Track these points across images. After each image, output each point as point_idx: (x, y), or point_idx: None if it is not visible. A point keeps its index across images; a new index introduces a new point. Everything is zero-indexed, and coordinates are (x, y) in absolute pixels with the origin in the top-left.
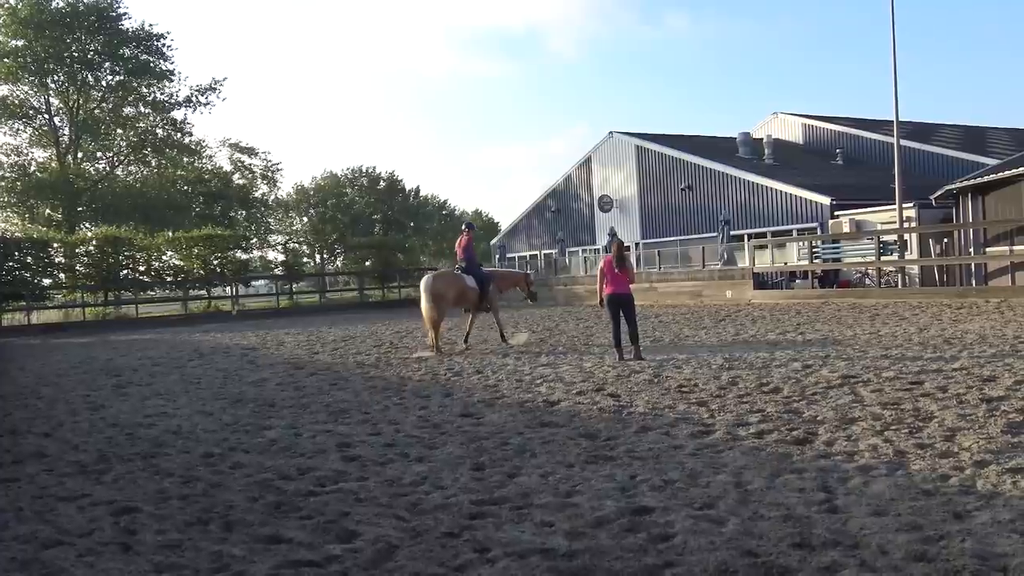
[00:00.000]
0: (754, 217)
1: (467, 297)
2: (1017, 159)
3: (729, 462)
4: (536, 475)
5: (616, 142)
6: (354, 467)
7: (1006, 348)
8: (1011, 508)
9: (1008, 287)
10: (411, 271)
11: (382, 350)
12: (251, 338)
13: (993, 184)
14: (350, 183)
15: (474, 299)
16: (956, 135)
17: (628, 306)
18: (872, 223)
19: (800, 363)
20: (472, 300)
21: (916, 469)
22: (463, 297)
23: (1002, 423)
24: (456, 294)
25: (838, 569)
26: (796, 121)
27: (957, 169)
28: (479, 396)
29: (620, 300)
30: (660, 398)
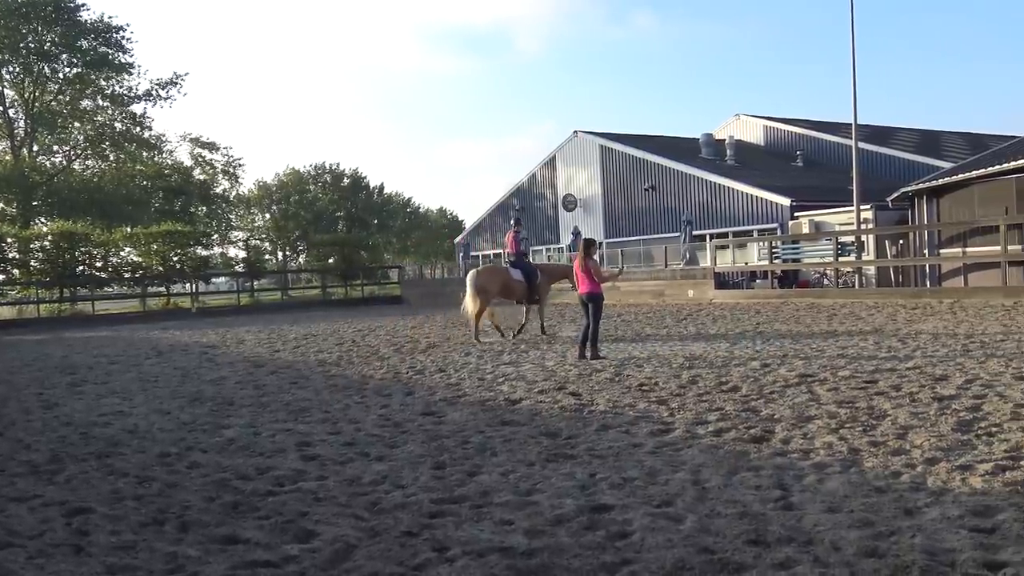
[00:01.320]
0: (716, 217)
1: (513, 290)
2: (971, 163)
3: (688, 460)
4: (496, 473)
5: (581, 141)
6: (313, 466)
7: (958, 348)
8: (960, 504)
9: (961, 288)
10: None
11: (344, 348)
12: (211, 336)
13: (947, 187)
14: (313, 180)
15: (521, 292)
16: (913, 139)
17: (588, 305)
18: (831, 224)
19: (759, 362)
20: (519, 293)
21: (869, 466)
22: (509, 290)
23: (953, 421)
24: (500, 287)
25: (792, 565)
26: (758, 123)
27: (913, 172)
28: (441, 395)
29: (584, 299)
30: (621, 396)
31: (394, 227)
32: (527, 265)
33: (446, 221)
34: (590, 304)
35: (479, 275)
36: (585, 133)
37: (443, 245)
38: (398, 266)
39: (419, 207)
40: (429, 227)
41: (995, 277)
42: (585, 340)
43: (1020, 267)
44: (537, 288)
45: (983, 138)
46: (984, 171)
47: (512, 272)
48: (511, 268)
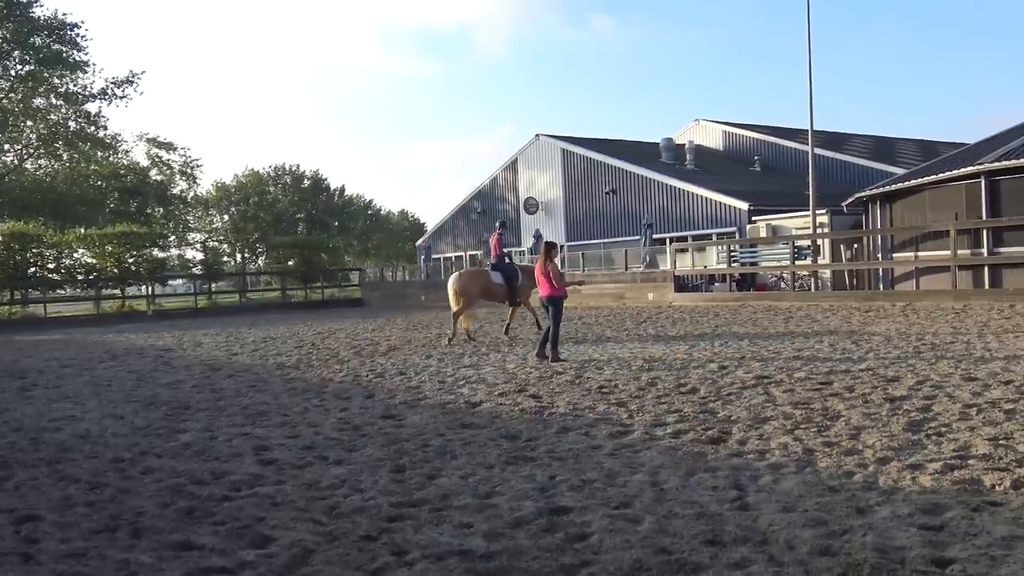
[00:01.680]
0: (676, 221)
1: (494, 292)
2: (923, 169)
3: (646, 461)
4: (456, 476)
5: (542, 145)
6: (271, 471)
7: (909, 350)
8: (910, 503)
9: (913, 291)
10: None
11: (303, 351)
12: (167, 339)
13: (900, 192)
14: (273, 181)
15: (502, 294)
16: (867, 145)
17: (549, 308)
18: (787, 228)
19: (717, 364)
20: (499, 296)
21: (823, 466)
22: (489, 293)
23: (904, 421)
24: (481, 290)
25: (747, 564)
26: (717, 128)
27: (867, 177)
28: (401, 397)
29: (544, 302)
30: (581, 399)
31: (355, 229)
32: (508, 267)
33: (407, 223)
34: (550, 307)
35: (460, 278)
36: (547, 136)
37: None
38: (359, 268)
39: (380, 209)
40: (390, 229)
41: (945, 281)
42: (545, 342)
43: (969, 271)
44: (518, 290)
45: (934, 145)
46: (935, 177)
47: (492, 275)
48: (492, 271)
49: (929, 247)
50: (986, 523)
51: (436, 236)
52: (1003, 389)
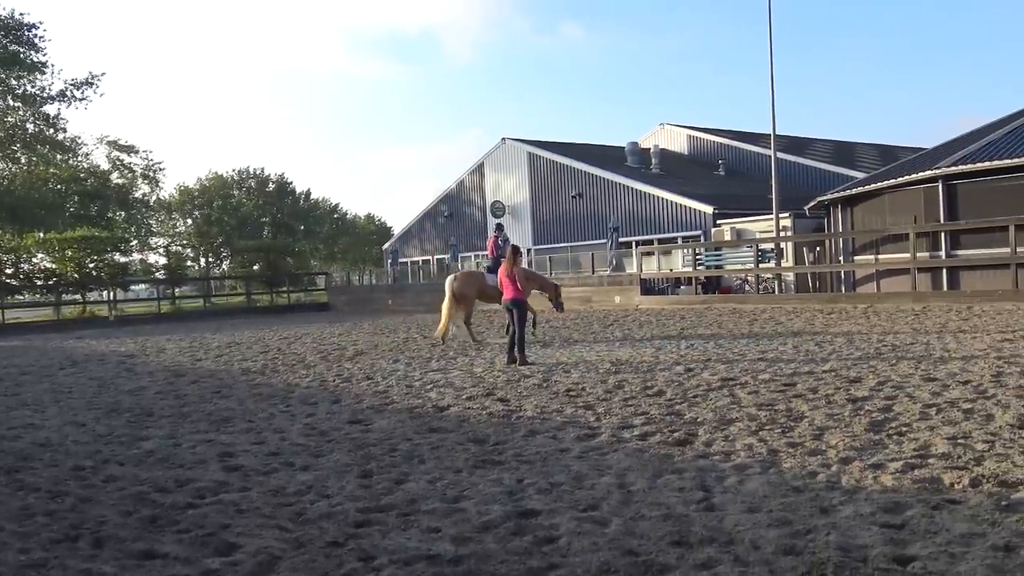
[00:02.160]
0: (642, 224)
1: (489, 294)
2: (882, 173)
3: (614, 464)
4: (424, 481)
5: (509, 148)
6: (236, 477)
7: (871, 351)
8: (872, 502)
9: (874, 293)
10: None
11: (269, 356)
12: (129, 345)
13: (861, 196)
14: (237, 185)
15: (497, 296)
16: (828, 149)
17: (512, 311)
18: (751, 232)
19: (683, 366)
20: (495, 297)
21: (787, 467)
22: (485, 295)
23: (866, 422)
24: (477, 292)
25: (713, 565)
26: (682, 132)
27: (829, 181)
28: (368, 402)
29: (507, 305)
30: (548, 402)
31: (321, 233)
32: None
33: (374, 227)
34: (514, 310)
35: (455, 280)
36: (513, 140)
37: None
38: (325, 273)
39: (346, 213)
40: (357, 233)
41: (905, 283)
42: (513, 346)
43: (928, 273)
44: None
45: (894, 150)
46: (894, 181)
47: (488, 277)
48: (487, 273)
49: (889, 250)
50: (945, 521)
51: (403, 240)
52: (961, 389)
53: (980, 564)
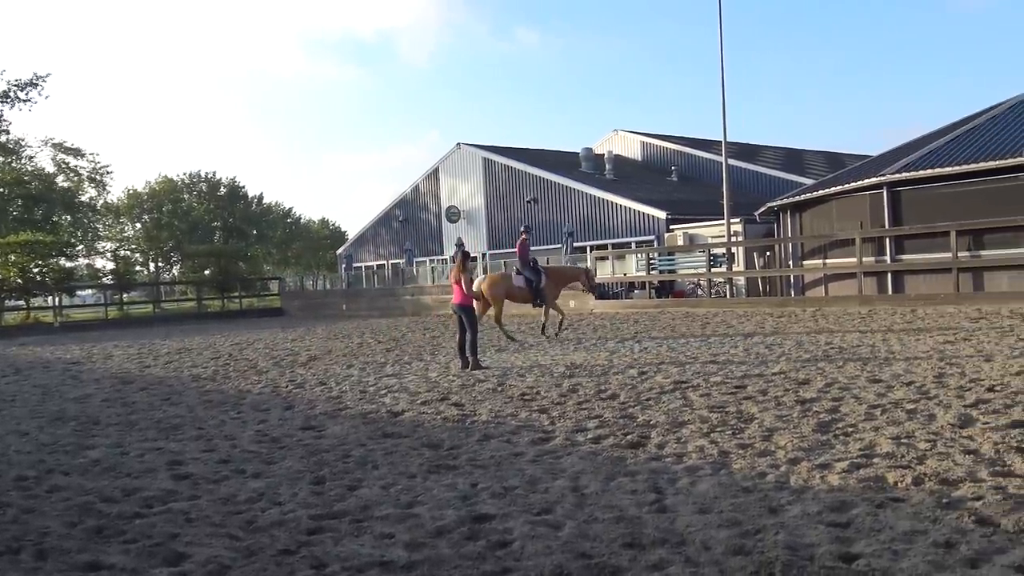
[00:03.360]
0: (596, 229)
1: (515, 295)
2: (830, 180)
3: (567, 467)
4: (377, 487)
5: (464, 153)
6: (185, 486)
7: (819, 353)
8: (819, 501)
9: (822, 297)
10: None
11: (220, 363)
12: (75, 351)
13: (809, 202)
14: (188, 188)
15: (525, 297)
16: (778, 156)
17: (463, 316)
18: (703, 237)
19: (636, 370)
20: (523, 298)
21: (737, 468)
22: (512, 295)
23: (814, 423)
24: (505, 293)
25: (665, 566)
26: (635, 138)
27: (779, 187)
28: (321, 408)
29: (455, 309)
30: (503, 406)
31: (274, 238)
32: (531, 270)
33: (328, 232)
34: (463, 315)
35: (484, 282)
36: (468, 145)
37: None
38: (278, 277)
39: (300, 217)
40: (311, 238)
41: (852, 287)
42: (463, 350)
43: (874, 277)
44: (541, 291)
45: (841, 157)
46: (841, 188)
47: (515, 278)
48: (516, 274)
49: (837, 254)
50: (889, 519)
51: (357, 244)
52: (905, 390)
53: (922, 560)
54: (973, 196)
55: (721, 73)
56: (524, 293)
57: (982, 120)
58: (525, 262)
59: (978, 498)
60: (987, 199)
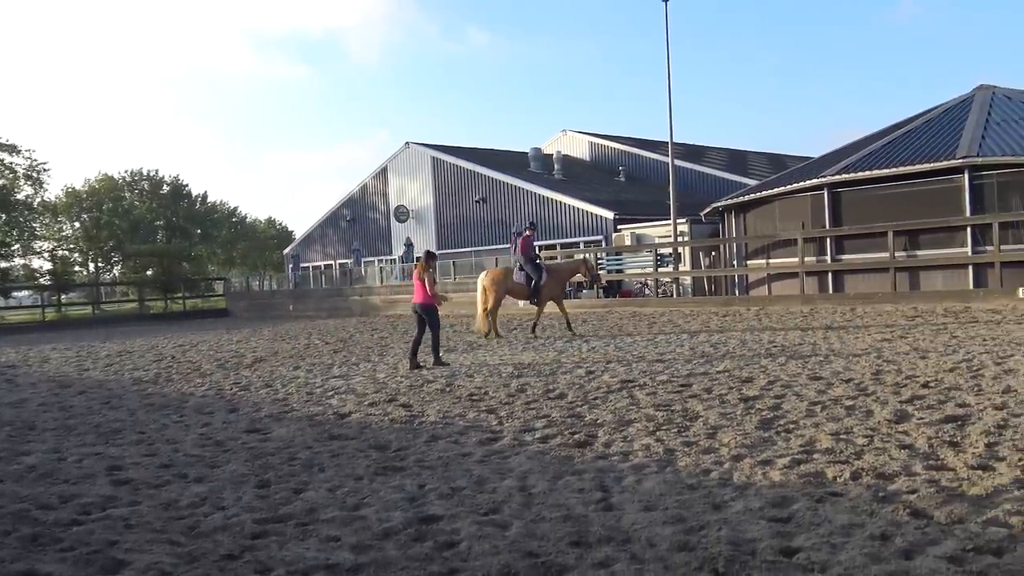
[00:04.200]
0: (544, 229)
1: (515, 292)
2: (773, 181)
3: (515, 467)
4: (324, 489)
5: (412, 153)
6: (125, 491)
7: (762, 351)
8: (761, 497)
9: (765, 296)
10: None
11: (162, 365)
12: (10, 354)
13: (753, 203)
14: (129, 186)
15: (523, 293)
16: (723, 157)
17: (423, 315)
18: (651, 237)
19: (584, 369)
20: (521, 294)
21: (683, 465)
22: (512, 291)
23: (756, 420)
24: (505, 288)
25: (611, 563)
26: (583, 139)
27: (724, 188)
28: (267, 411)
29: (416, 308)
30: (451, 407)
31: (219, 237)
32: (532, 267)
33: (275, 231)
34: (423, 314)
35: (485, 277)
36: (417, 144)
37: (272, 256)
38: (223, 278)
39: (246, 217)
40: (257, 238)
41: (794, 286)
42: (415, 351)
43: (815, 277)
44: (540, 289)
45: (783, 158)
46: (783, 189)
47: (516, 274)
48: (517, 271)
49: (779, 254)
50: (828, 513)
51: (304, 244)
52: (844, 387)
53: (859, 553)
54: (909, 197)
55: (667, 76)
56: (523, 289)
57: (917, 124)
58: (529, 258)
59: (913, 491)
60: (922, 200)
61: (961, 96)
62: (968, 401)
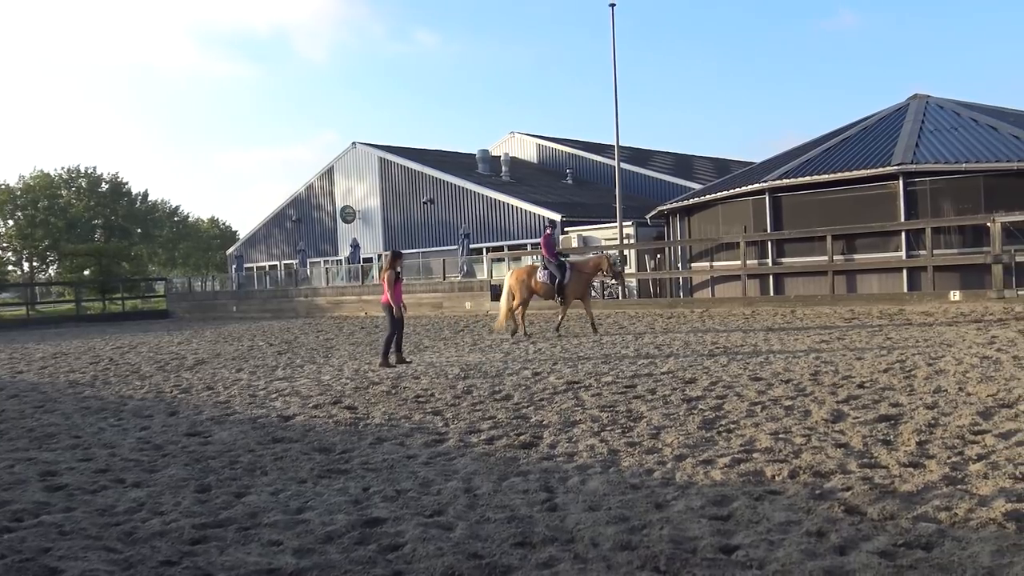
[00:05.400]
0: (492, 231)
1: (538, 289)
2: (716, 185)
3: (460, 469)
4: (266, 493)
5: (359, 153)
6: (59, 497)
7: (705, 353)
8: (702, 496)
9: (709, 298)
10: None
11: (100, 367)
12: None
13: (697, 206)
14: (66, 184)
15: (547, 291)
16: (668, 161)
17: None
18: (597, 239)
19: (530, 371)
20: (545, 292)
21: (626, 465)
22: (537, 290)
23: (698, 420)
24: (529, 288)
25: (554, 563)
26: (531, 141)
27: (669, 191)
28: (208, 413)
29: (384, 307)
30: (397, 409)
31: (160, 237)
32: (556, 265)
33: (218, 231)
34: (386, 313)
35: (511, 276)
36: (364, 145)
37: (215, 257)
38: (164, 278)
39: (188, 216)
40: (199, 237)
41: (737, 288)
42: (386, 349)
43: (757, 279)
44: (564, 287)
45: (727, 163)
46: (727, 193)
47: (539, 273)
48: (541, 269)
49: (723, 257)
50: (767, 510)
51: (249, 244)
52: (784, 387)
53: (796, 549)
54: (846, 203)
55: (614, 79)
56: (546, 288)
57: (854, 131)
58: (552, 255)
59: (847, 489)
60: (859, 205)
61: (896, 105)
62: (901, 401)
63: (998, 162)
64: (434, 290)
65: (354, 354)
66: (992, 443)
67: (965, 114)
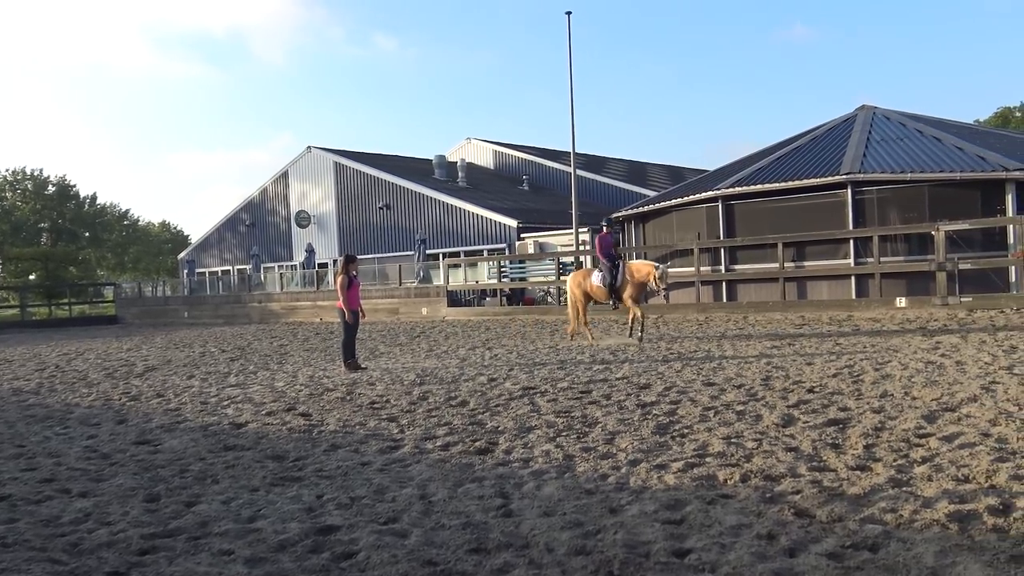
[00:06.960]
0: (449, 237)
1: (593, 293)
2: (671, 192)
3: (415, 475)
4: (217, 502)
5: (315, 157)
6: (1, 508)
7: (659, 358)
8: (656, 500)
9: (663, 304)
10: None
11: (45, 374)
12: None
13: (652, 213)
14: (11, 186)
15: (602, 295)
16: (623, 168)
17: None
18: (553, 245)
19: (486, 377)
20: (600, 296)
21: (581, 471)
22: (591, 293)
23: (653, 425)
24: (584, 290)
25: (509, 569)
26: (488, 147)
27: (624, 198)
28: (158, 421)
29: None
30: (352, 415)
31: (109, 241)
32: (610, 268)
33: (169, 235)
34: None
35: (570, 280)
36: (319, 149)
37: (166, 261)
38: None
39: (138, 220)
40: (150, 242)
41: (691, 294)
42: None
43: (710, 286)
44: (619, 290)
45: (681, 170)
46: (681, 200)
47: (594, 275)
48: (596, 272)
49: (677, 264)
50: (719, 514)
51: (201, 249)
52: (736, 392)
53: (747, 552)
54: (797, 210)
55: (570, 87)
56: (601, 291)
57: (805, 140)
58: (606, 256)
59: (797, 492)
60: (809, 213)
61: (845, 115)
62: (849, 405)
63: (942, 172)
64: (390, 296)
65: (309, 360)
66: (936, 446)
67: (911, 125)
